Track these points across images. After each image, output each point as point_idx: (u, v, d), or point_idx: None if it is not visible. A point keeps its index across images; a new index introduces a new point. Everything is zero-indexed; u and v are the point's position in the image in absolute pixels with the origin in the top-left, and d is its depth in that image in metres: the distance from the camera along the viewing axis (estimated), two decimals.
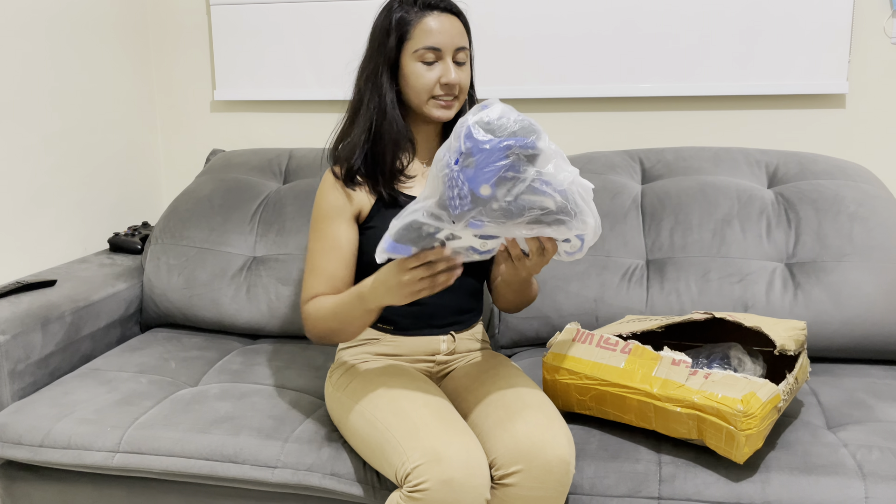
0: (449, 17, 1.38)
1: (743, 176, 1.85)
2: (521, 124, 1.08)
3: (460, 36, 1.38)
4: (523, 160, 1.07)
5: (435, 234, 1.13)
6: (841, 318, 1.62)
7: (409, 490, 1.15)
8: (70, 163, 2.07)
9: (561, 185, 1.08)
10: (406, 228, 1.14)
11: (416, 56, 1.36)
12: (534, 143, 1.07)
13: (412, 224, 1.13)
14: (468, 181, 1.07)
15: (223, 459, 1.39)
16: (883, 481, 1.22)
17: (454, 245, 1.15)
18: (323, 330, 1.36)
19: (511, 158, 1.06)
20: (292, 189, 2.00)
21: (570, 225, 1.11)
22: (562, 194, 1.08)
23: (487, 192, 1.07)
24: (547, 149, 1.09)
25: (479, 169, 1.07)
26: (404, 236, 1.14)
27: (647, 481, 1.27)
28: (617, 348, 1.35)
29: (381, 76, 1.39)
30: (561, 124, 2.18)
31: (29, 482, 1.53)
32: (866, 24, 1.97)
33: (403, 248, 1.15)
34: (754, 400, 1.20)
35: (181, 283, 1.90)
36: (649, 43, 2.06)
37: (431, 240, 1.13)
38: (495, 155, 1.06)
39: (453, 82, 1.36)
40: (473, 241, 1.14)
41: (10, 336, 1.56)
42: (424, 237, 1.13)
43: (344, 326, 1.33)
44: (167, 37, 2.37)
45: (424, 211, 1.12)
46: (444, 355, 1.46)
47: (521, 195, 1.07)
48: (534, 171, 1.07)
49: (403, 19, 1.37)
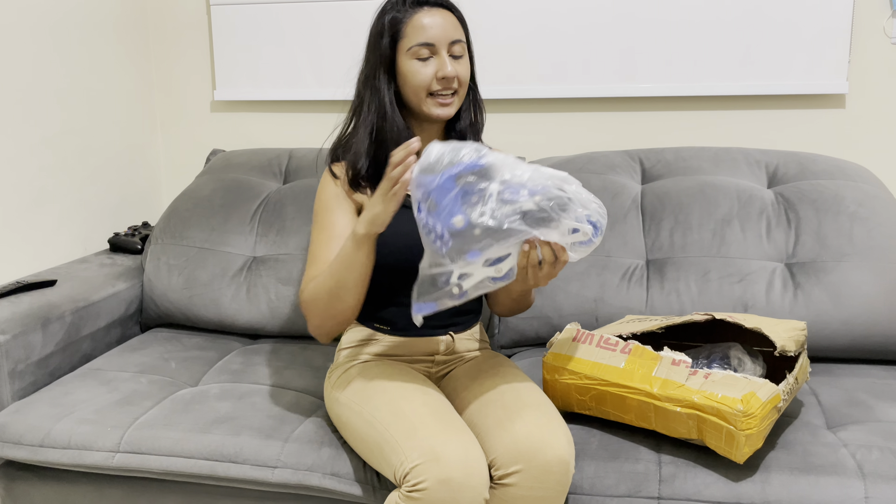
0: (440, 11, 1.37)
1: (743, 176, 1.85)
2: (456, 153, 1.11)
3: (454, 29, 1.37)
4: (477, 180, 1.10)
5: (449, 280, 1.16)
6: (841, 318, 1.62)
7: (407, 490, 1.15)
8: (70, 163, 2.07)
9: (529, 185, 1.11)
10: (421, 287, 1.18)
11: (410, 54, 1.36)
12: (476, 162, 1.11)
13: (424, 281, 1.18)
14: (439, 221, 1.11)
15: (223, 459, 1.39)
16: (883, 481, 1.22)
17: (471, 282, 1.17)
18: (322, 305, 1.32)
19: (462, 183, 1.10)
20: (292, 189, 2.00)
21: (567, 214, 1.12)
22: (534, 192, 1.10)
23: (461, 222, 1.10)
24: (496, 160, 1.12)
25: (441, 206, 1.11)
26: (424, 295, 1.19)
27: (647, 481, 1.27)
28: (617, 348, 1.35)
29: (378, 78, 1.39)
30: (561, 124, 2.18)
31: (29, 482, 1.53)
32: (866, 24, 1.97)
33: (428, 305, 1.19)
34: (754, 400, 1.20)
35: (181, 283, 1.90)
36: (649, 43, 2.06)
37: (449, 286, 1.17)
38: (447, 187, 1.10)
39: (450, 75, 1.35)
40: (487, 272, 1.17)
41: (10, 336, 1.56)
42: (441, 286, 1.17)
43: (340, 280, 1.29)
44: (167, 37, 2.37)
45: (427, 265, 1.16)
46: (443, 355, 1.46)
47: (495, 211, 1.10)
48: (496, 184, 1.10)
49: (395, 19, 1.37)
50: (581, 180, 1.87)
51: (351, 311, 1.33)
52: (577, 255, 1.18)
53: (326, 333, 1.37)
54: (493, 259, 1.15)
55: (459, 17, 1.40)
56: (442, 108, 1.38)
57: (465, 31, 1.41)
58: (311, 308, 1.35)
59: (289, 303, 1.85)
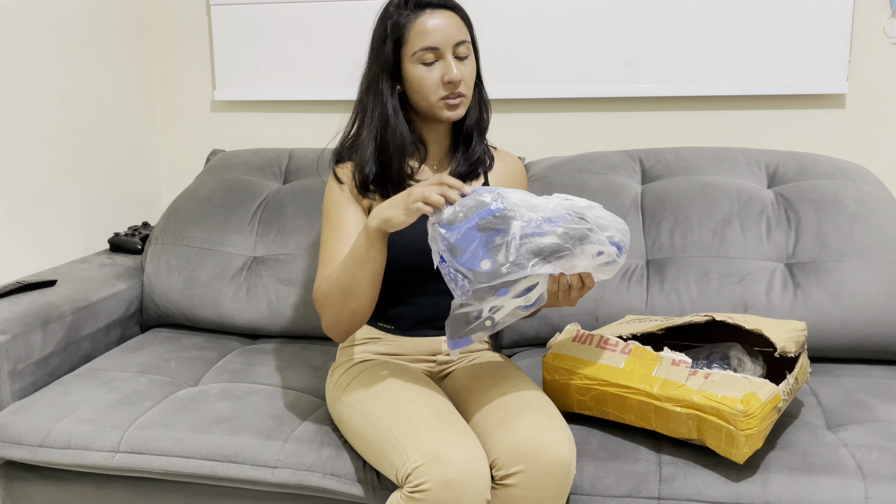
0: (443, 12, 1.35)
1: (743, 176, 1.85)
2: (472, 201, 1.14)
3: (458, 30, 1.35)
4: (499, 222, 1.13)
5: (480, 315, 1.18)
6: (841, 318, 1.62)
7: (409, 490, 1.15)
8: (70, 163, 2.07)
9: (550, 220, 1.13)
10: (454, 325, 1.21)
11: (415, 59, 1.35)
12: (493, 210, 1.13)
13: (457, 320, 1.20)
14: (465, 265, 1.14)
15: (223, 459, 1.39)
16: (883, 481, 1.22)
17: (503, 313, 1.20)
18: (336, 302, 1.31)
19: (485, 231, 1.12)
20: (292, 189, 2.00)
21: (589, 243, 1.14)
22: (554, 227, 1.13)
23: (488, 265, 1.13)
24: (515, 201, 1.14)
25: (466, 253, 1.13)
26: (457, 331, 1.21)
27: (647, 481, 1.27)
28: (617, 349, 1.35)
29: (381, 84, 1.38)
30: (561, 124, 2.18)
31: (29, 482, 1.53)
32: (866, 24, 1.97)
33: (463, 340, 1.22)
34: (754, 400, 1.20)
35: (181, 283, 1.90)
36: (649, 43, 2.06)
37: (482, 320, 1.19)
38: (470, 236, 1.13)
39: (455, 79, 1.34)
40: (517, 302, 1.19)
41: (10, 336, 1.56)
42: (474, 321, 1.19)
43: (353, 276, 1.27)
44: (167, 37, 2.37)
45: (457, 304, 1.19)
46: (445, 356, 1.46)
47: (519, 250, 1.13)
48: (518, 225, 1.13)
49: (398, 24, 1.35)
50: (581, 180, 1.87)
51: (365, 309, 1.31)
52: (603, 276, 1.20)
53: (342, 332, 1.35)
54: (521, 290, 1.18)
55: (463, 17, 1.39)
56: (452, 111, 1.37)
57: (469, 29, 1.40)
58: (325, 306, 1.33)
59: (289, 303, 1.85)
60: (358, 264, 1.27)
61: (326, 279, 1.34)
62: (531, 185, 1.89)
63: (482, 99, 1.47)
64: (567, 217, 1.14)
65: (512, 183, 1.54)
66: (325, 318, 1.35)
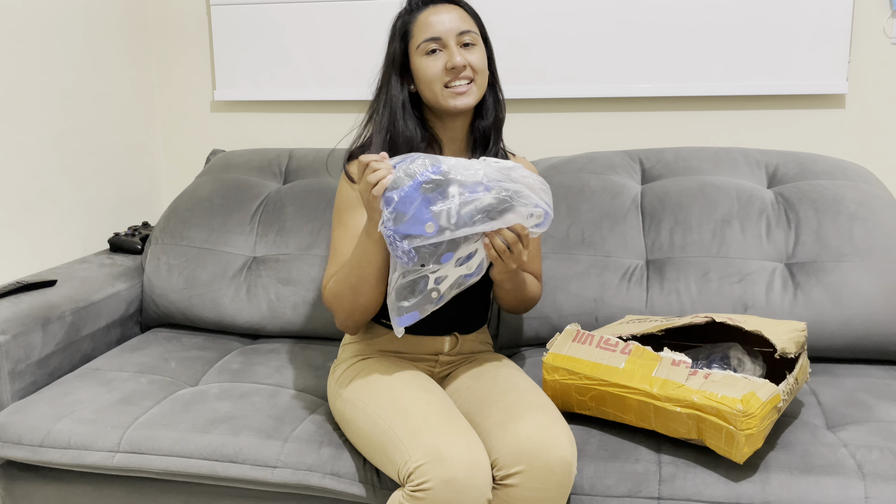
0: (446, 6, 1.39)
1: (743, 176, 1.85)
2: (411, 167, 1.18)
3: (461, 21, 1.38)
4: (437, 186, 1.17)
5: (427, 285, 1.23)
6: (841, 318, 1.62)
7: (411, 489, 1.15)
8: (70, 163, 2.07)
9: (484, 181, 1.18)
10: (400, 295, 1.24)
11: (420, 51, 1.38)
12: (435, 169, 1.18)
13: (402, 289, 1.24)
14: (410, 230, 1.17)
15: (223, 459, 1.39)
16: (883, 481, 1.22)
17: (447, 283, 1.24)
18: (346, 299, 1.34)
19: (426, 191, 1.17)
20: (292, 189, 2.00)
21: (522, 203, 1.20)
22: (489, 188, 1.18)
23: (432, 228, 1.17)
24: (448, 166, 1.19)
25: (409, 217, 1.17)
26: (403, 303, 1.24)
27: (647, 481, 1.27)
28: (617, 349, 1.35)
29: (390, 81, 1.41)
30: (561, 124, 2.18)
31: (29, 482, 1.53)
32: (866, 24, 1.97)
33: (410, 315, 1.26)
34: (754, 400, 1.20)
35: (181, 283, 1.90)
36: (649, 43, 2.06)
37: (427, 291, 1.24)
38: (411, 197, 1.17)
39: (458, 64, 1.35)
40: (459, 271, 1.24)
41: (10, 336, 1.56)
42: (420, 292, 1.24)
43: (360, 274, 1.30)
44: (167, 37, 2.37)
45: (399, 276, 1.23)
46: (447, 355, 1.46)
47: (460, 211, 1.17)
48: (455, 187, 1.17)
49: (405, 22, 1.40)
50: (581, 180, 1.87)
51: (375, 303, 1.34)
52: (536, 231, 1.25)
53: (354, 325, 1.39)
54: (462, 258, 1.23)
55: (469, 10, 1.42)
56: (460, 98, 1.37)
57: (476, 22, 1.43)
58: (336, 304, 1.36)
59: (289, 303, 1.85)
60: (361, 262, 1.30)
61: (334, 277, 1.37)
62: None
63: (497, 98, 1.47)
64: (500, 178, 1.19)
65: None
66: (337, 314, 1.38)
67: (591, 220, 1.80)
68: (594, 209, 1.81)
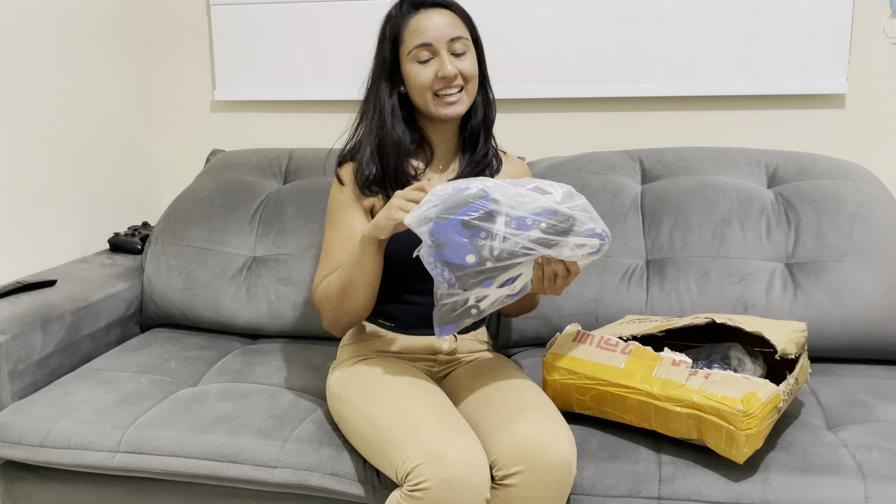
0: (438, 11, 1.37)
1: (743, 176, 1.85)
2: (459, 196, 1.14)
3: (453, 27, 1.36)
4: (484, 218, 1.13)
5: (466, 303, 1.21)
6: (841, 318, 1.62)
7: (409, 489, 1.15)
8: (70, 163, 2.07)
9: (533, 214, 1.14)
10: (440, 313, 1.23)
11: (410, 57, 1.36)
12: (482, 203, 1.14)
13: (442, 309, 1.22)
14: (450, 259, 1.15)
15: (223, 459, 1.39)
16: (883, 481, 1.22)
17: (488, 302, 1.22)
18: (334, 301, 1.35)
19: (469, 227, 1.13)
20: (292, 189, 2.00)
21: (573, 235, 1.16)
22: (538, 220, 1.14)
23: (473, 260, 1.14)
24: (499, 196, 1.14)
25: (451, 246, 1.14)
26: (444, 319, 1.23)
27: (647, 481, 1.27)
28: (617, 349, 1.35)
29: (380, 85, 1.40)
30: (561, 124, 2.18)
31: (29, 482, 1.53)
32: (866, 24, 1.97)
33: (450, 327, 1.25)
34: (754, 400, 1.20)
35: (181, 283, 1.90)
36: (649, 43, 2.06)
37: (468, 308, 1.22)
38: (455, 231, 1.14)
39: (449, 74, 1.35)
40: (502, 291, 1.21)
41: (10, 336, 1.56)
42: (460, 310, 1.22)
43: (350, 279, 1.31)
44: (167, 37, 2.37)
45: (442, 295, 1.21)
46: (446, 355, 1.46)
47: (504, 243, 1.14)
48: (501, 219, 1.14)
49: (395, 25, 1.38)
50: (581, 180, 1.87)
51: (362, 309, 1.35)
52: (586, 262, 1.22)
53: (340, 328, 1.39)
54: (505, 280, 1.20)
55: (461, 14, 1.40)
56: (449, 108, 1.38)
57: (468, 27, 1.41)
58: (324, 305, 1.37)
59: (289, 303, 1.85)
60: (354, 268, 1.31)
61: (326, 279, 1.37)
62: None
63: (487, 98, 1.47)
64: (550, 212, 1.15)
65: None
66: (324, 315, 1.39)
67: None
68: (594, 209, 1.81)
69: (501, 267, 1.16)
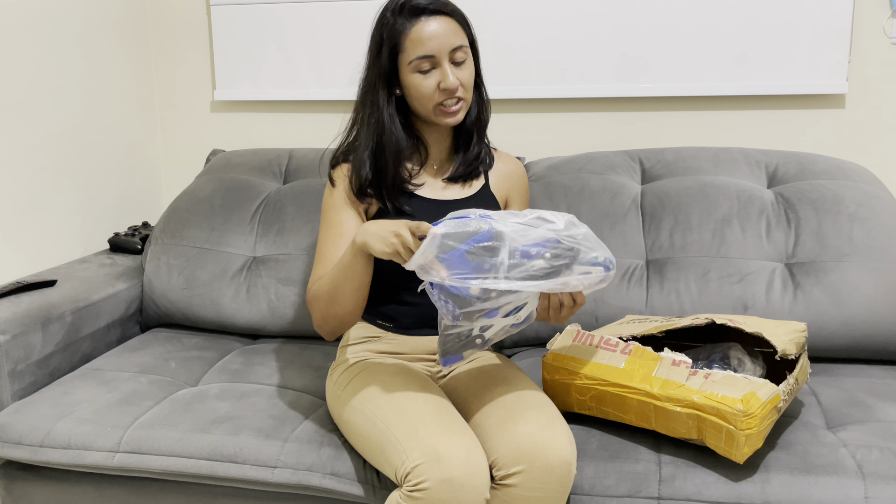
0: (439, 18, 1.34)
1: (743, 176, 1.85)
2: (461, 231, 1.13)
3: (454, 35, 1.35)
4: (487, 250, 1.13)
5: (471, 333, 1.20)
6: (841, 318, 1.62)
7: (408, 489, 1.15)
8: (70, 163, 2.07)
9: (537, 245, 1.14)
10: (445, 344, 1.22)
11: (411, 68, 1.35)
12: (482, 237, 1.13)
13: (447, 339, 1.22)
14: (454, 289, 1.14)
15: (223, 459, 1.39)
16: (883, 481, 1.22)
17: (493, 331, 1.22)
18: (324, 303, 1.34)
19: (473, 257, 1.12)
20: (292, 189, 2.00)
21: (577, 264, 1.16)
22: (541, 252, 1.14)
23: (477, 291, 1.14)
24: (503, 229, 1.14)
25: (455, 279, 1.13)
26: (450, 349, 1.23)
27: (647, 481, 1.27)
28: (617, 349, 1.35)
29: (378, 91, 1.38)
30: (561, 124, 2.18)
31: (29, 482, 1.53)
32: (866, 24, 1.97)
33: (455, 357, 1.25)
34: (754, 400, 1.20)
35: (181, 283, 1.90)
36: (649, 43, 2.06)
37: (473, 338, 1.22)
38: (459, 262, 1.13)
39: (451, 87, 1.35)
40: (507, 321, 1.21)
41: (10, 336, 1.56)
42: (465, 340, 1.21)
43: (338, 285, 1.30)
44: (167, 37, 2.37)
45: (446, 327, 1.20)
46: None
47: (508, 276, 1.13)
48: (505, 251, 1.13)
49: (394, 31, 1.35)
50: (581, 180, 1.87)
51: (350, 315, 1.34)
52: (590, 290, 1.22)
53: (328, 332, 1.38)
54: (510, 311, 1.20)
55: (460, 20, 1.38)
56: (450, 117, 1.38)
57: (467, 33, 1.39)
58: (314, 306, 1.37)
59: (289, 303, 1.85)
60: (343, 275, 1.30)
61: (318, 281, 1.37)
62: (531, 186, 1.89)
63: (482, 98, 1.47)
64: (554, 241, 1.15)
65: (512, 185, 1.55)
66: (314, 316, 1.38)
67: (591, 220, 1.80)
68: (594, 209, 1.81)
69: (506, 299, 1.16)
